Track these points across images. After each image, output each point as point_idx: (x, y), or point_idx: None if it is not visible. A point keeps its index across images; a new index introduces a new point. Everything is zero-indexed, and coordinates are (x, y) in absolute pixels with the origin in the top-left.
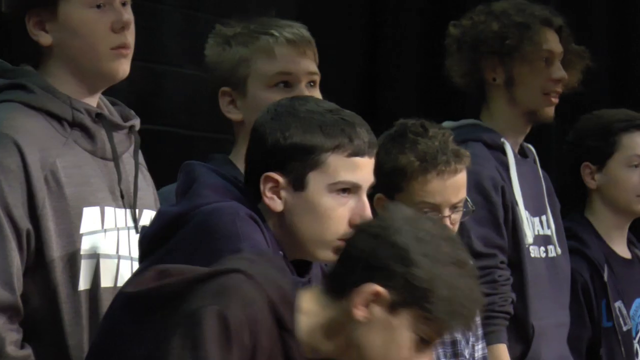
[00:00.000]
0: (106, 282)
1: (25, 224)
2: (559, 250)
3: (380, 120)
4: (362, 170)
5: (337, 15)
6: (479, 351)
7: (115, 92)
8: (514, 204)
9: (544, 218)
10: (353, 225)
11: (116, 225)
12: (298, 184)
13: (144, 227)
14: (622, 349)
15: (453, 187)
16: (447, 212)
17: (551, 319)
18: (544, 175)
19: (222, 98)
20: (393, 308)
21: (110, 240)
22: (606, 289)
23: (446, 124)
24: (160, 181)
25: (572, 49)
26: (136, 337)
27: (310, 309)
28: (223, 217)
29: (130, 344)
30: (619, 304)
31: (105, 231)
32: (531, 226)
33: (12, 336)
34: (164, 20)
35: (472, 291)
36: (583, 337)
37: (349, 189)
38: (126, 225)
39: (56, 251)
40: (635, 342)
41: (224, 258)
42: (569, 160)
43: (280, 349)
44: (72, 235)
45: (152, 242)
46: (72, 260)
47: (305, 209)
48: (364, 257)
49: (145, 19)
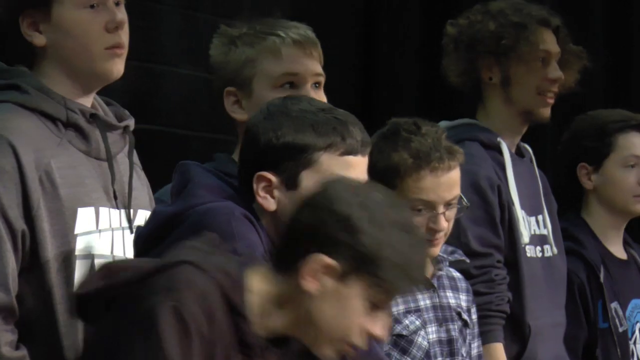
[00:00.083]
0: None
1: (20, 224)
2: (555, 250)
3: (378, 120)
4: (355, 168)
5: (333, 15)
6: (474, 349)
7: (111, 92)
8: (510, 203)
9: (540, 218)
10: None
11: (111, 226)
12: (291, 183)
13: (138, 227)
14: (618, 350)
15: (447, 184)
16: (441, 209)
17: (547, 318)
18: (541, 175)
19: (227, 98)
20: (342, 277)
21: (105, 241)
22: (602, 290)
23: (442, 123)
24: (156, 181)
25: (569, 49)
26: (94, 341)
27: (261, 288)
28: (218, 217)
29: (91, 349)
30: (615, 305)
31: (100, 231)
32: (527, 226)
33: (7, 337)
34: (161, 20)
35: (419, 253)
36: (579, 337)
37: None
38: (121, 225)
39: (51, 252)
40: (631, 343)
41: (168, 250)
42: (564, 160)
43: (235, 334)
44: (66, 235)
45: (147, 242)
46: (67, 261)
47: None
48: (309, 230)
49: (142, 19)
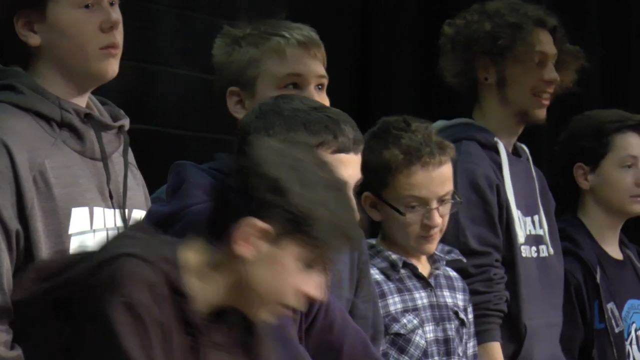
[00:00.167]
0: None
1: (14, 224)
2: (551, 251)
3: (375, 120)
4: (347, 166)
5: (330, 15)
6: (470, 349)
7: (107, 92)
8: (508, 203)
9: (536, 218)
10: None
11: (105, 226)
12: None
13: None
14: (614, 350)
15: (439, 179)
16: (434, 204)
17: (542, 319)
18: (539, 174)
19: (229, 98)
20: (276, 240)
21: (99, 241)
22: (599, 291)
23: (439, 123)
24: (152, 181)
25: (566, 49)
26: (45, 349)
27: (197, 263)
28: None
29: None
30: (611, 305)
31: (94, 231)
32: (523, 226)
33: (1, 337)
34: (157, 20)
35: (349, 210)
36: (575, 338)
37: None
38: (115, 225)
39: (45, 252)
40: (627, 343)
41: (104, 244)
42: (561, 160)
43: (180, 316)
44: (60, 235)
45: None
46: None
47: None
48: (238, 195)
49: (138, 19)
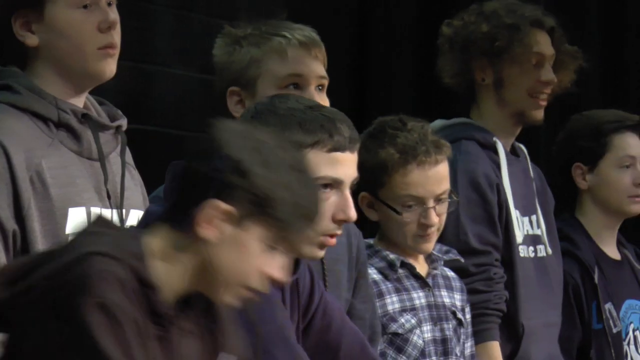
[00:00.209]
0: None
1: (11, 224)
2: (549, 250)
3: (373, 121)
4: (343, 165)
5: (328, 15)
6: (467, 349)
7: (105, 92)
8: (507, 202)
9: (533, 218)
10: (335, 220)
11: None
12: None
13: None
14: (612, 350)
15: (435, 177)
16: (431, 203)
17: (540, 319)
18: (538, 173)
19: (229, 98)
20: (240, 221)
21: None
22: (596, 291)
23: (438, 122)
24: (149, 181)
25: (565, 50)
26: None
27: (162, 250)
28: None
29: None
30: (609, 305)
31: None
32: (521, 226)
33: None
34: (155, 20)
35: (312, 190)
36: (573, 338)
37: (331, 184)
38: None
39: None
40: (625, 344)
41: (68, 243)
42: (559, 160)
43: (150, 308)
44: (57, 236)
45: None
46: None
47: None
48: (202, 178)
49: (136, 19)
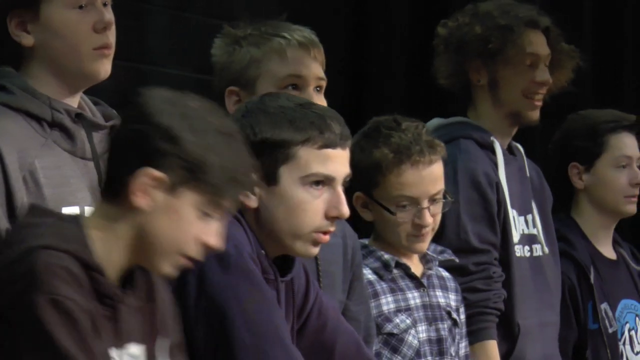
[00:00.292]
0: None
1: (4, 224)
2: (546, 250)
3: (368, 120)
4: (334, 162)
5: (324, 16)
6: (462, 349)
7: (100, 92)
8: (505, 202)
9: (529, 217)
10: (328, 217)
11: None
12: (270, 178)
13: None
14: (608, 351)
15: (429, 177)
16: (425, 203)
17: (535, 318)
18: (537, 171)
19: (228, 98)
20: (172, 188)
21: None
22: (592, 291)
23: (435, 121)
24: None
25: (561, 49)
26: None
27: (99, 225)
28: None
29: None
30: (604, 305)
31: None
32: (517, 225)
33: None
34: (150, 20)
35: (242, 155)
36: (569, 339)
37: (322, 181)
38: None
39: None
40: (620, 344)
41: (9, 237)
42: (555, 160)
43: (96, 290)
44: None
45: None
46: None
47: (279, 203)
48: (132, 146)
49: (132, 19)
